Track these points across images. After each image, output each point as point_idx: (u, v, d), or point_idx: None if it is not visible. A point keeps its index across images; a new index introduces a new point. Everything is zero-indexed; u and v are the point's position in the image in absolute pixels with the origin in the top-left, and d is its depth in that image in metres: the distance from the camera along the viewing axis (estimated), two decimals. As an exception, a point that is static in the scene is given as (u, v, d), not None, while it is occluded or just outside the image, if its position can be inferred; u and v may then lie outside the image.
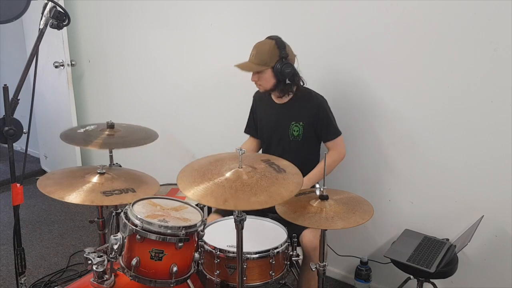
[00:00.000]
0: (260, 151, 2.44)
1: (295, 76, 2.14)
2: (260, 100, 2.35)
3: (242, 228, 1.59)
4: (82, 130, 2.17)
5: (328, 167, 2.16)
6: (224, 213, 2.16)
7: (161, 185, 2.12)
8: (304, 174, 2.14)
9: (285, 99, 2.21)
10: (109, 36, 3.55)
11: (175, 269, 1.58)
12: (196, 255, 1.68)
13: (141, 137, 2.18)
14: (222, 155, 1.79)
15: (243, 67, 2.12)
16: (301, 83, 2.20)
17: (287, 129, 2.21)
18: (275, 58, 2.08)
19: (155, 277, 1.58)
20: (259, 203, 1.48)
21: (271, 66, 2.09)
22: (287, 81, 2.13)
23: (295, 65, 2.15)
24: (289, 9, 2.52)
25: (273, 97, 2.26)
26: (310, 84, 2.24)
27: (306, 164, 2.19)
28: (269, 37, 2.13)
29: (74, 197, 1.74)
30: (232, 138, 2.49)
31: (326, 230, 1.70)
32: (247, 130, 2.46)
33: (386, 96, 2.30)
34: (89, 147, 2.06)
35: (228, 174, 1.57)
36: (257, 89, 2.27)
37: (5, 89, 1.76)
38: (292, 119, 2.20)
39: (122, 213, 1.63)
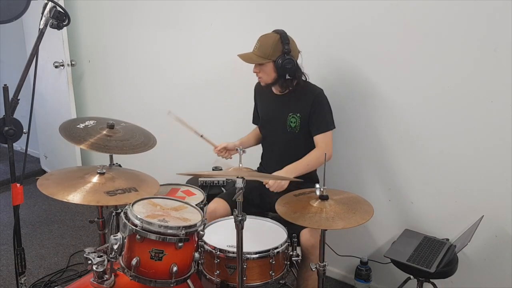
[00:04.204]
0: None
1: (296, 71, 2.13)
2: (260, 91, 2.36)
3: (242, 228, 1.60)
4: (81, 126, 2.15)
5: (311, 162, 2.12)
6: (227, 198, 2.16)
7: (161, 185, 2.11)
8: None
9: (284, 91, 2.22)
10: (109, 36, 3.55)
11: (175, 269, 1.57)
12: (196, 255, 1.68)
13: (139, 142, 2.16)
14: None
15: (244, 57, 2.13)
16: (303, 78, 2.20)
17: (284, 121, 2.21)
18: (278, 53, 2.08)
19: (155, 277, 1.58)
20: (261, 176, 1.62)
21: (273, 60, 2.09)
22: (287, 76, 2.13)
23: (299, 61, 2.15)
24: (290, 6, 2.52)
25: (273, 88, 2.26)
26: (311, 79, 2.24)
27: (302, 156, 2.17)
28: (275, 31, 2.13)
29: (78, 198, 1.74)
30: (233, 137, 2.49)
31: (326, 230, 1.70)
32: (254, 121, 2.49)
33: (386, 96, 2.30)
34: (85, 147, 2.04)
35: (228, 170, 1.65)
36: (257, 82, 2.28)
37: (5, 89, 1.76)
38: (289, 111, 2.20)
39: (122, 213, 1.63)
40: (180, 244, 1.57)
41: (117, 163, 2.29)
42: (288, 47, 2.08)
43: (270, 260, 1.79)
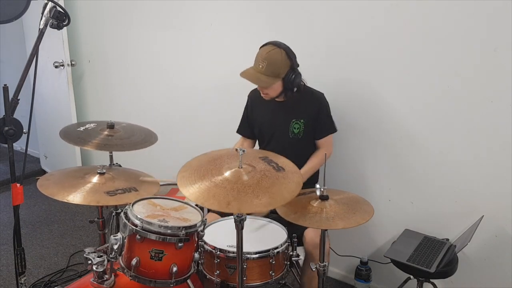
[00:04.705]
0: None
1: (300, 82, 2.13)
2: (257, 99, 2.31)
3: (242, 228, 1.59)
4: (81, 129, 2.16)
5: (318, 165, 2.21)
6: (221, 212, 2.15)
7: (161, 185, 2.11)
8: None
9: (287, 100, 2.20)
10: (109, 36, 3.55)
11: (175, 269, 1.58)
12: (196, 255, 1.68)
13: (140, 139, 2.17)
14: (220, 152, 1.79)
15: (252, 78, 2.06)
16: (303, 84, 2.19)
17: (287, 127, 2.20)
18: (286, 69, 2.06)
19: (155, 277, 1.58)
20: (262, 205, 1.49)
21: (282, 78, 2.07)
22: (294, 90, 2.12)
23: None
24: (290, 8, 2.52)
25: None
26: (310, 83, 2.24)
27: (305, 161, 2.21)
28: (275, 45, 2.06)
29: (79, 198, 1.73)
30: (232, 137, 2.49)
31: (326, 230, 1.70)
32: (239, 130, 2.44)
33: (386, 96, 2.30)
34: (87, 147, 2.05)
35: (228, 174, 1.57)
36: (252, 88, 2.27)
37: (5, 89, 1.76)
38: (292, 117, 2.19)
39: (122, 213, 1.63)
40: (180, 244, 1.57)
41: (117, 163, 2.29)
42: (296, 62, 2.08)
43: (270, 260, 1.79)
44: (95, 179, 1.86)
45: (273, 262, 1.79)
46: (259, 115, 2.34)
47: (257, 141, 2.43)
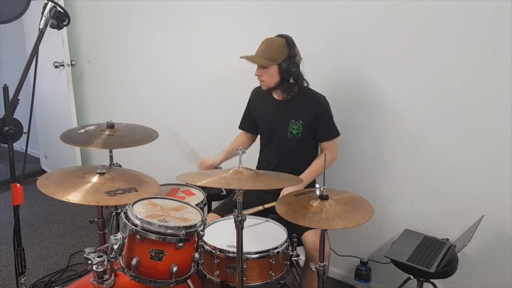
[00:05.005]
0: (253, 146, 2.45)
1: (299, 77, 2.13)
2: (259, 96, 2.33)
3: (242, 228, 1.60)
4: (82, 131, 2.17)
5: (321, 168, 2.17)
6: (223, 212, 2.15)
7: (161, 185, 2.11)
8: (300, 173, 2.17)
9: (286, 96, 2.20)
10: (109, 36, 3.56)
11: (175, 269, 1.57)
12: (196, 255, 1.67)
13: (141, 136, 2.18)
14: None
15: (250, 58, 2.10)
16: (305, 84, 2.19)
17: (285, 127, 2.20)
18: (283, 56, 2.08)
19: (155, 277, 1.58)
20: (263, 185, 1.59)
21: (278, 63, 2.08)
22: (291, 81, 2.12)
23: (300, 67, 2.14)
24: (290, 8, 2.52)
25: (274, 93, 2.24)
26: (311, 83, 2.24)
27: (303, 163, 2.21)
28: (280, 35, 2.13)
29: (79, 198, 1.73)
30: (232, 137, 2.49)
31: (326, 230, 1.70)
32: (241, 126, 2.46)
33: (386, 96, 2.30)
34: (89, 147, 2.06)
35: (228, 172, 1.63)
36: (256, 86, 2.27)
37: (5, 89, 1.76)
38: (291, 117, 2.19)
39: (122, 213, 1.63)
40: (180, 244, 1.57)
41: (117, 163, 2.29)
42: (294, 51, 2.09)
43: (270, 260, 1.79)
44: (95, 179, 1.86)
45: (273, 262, 1.79)
46: (259, 112, 2.34)
47: (258, 140, 2.44)
